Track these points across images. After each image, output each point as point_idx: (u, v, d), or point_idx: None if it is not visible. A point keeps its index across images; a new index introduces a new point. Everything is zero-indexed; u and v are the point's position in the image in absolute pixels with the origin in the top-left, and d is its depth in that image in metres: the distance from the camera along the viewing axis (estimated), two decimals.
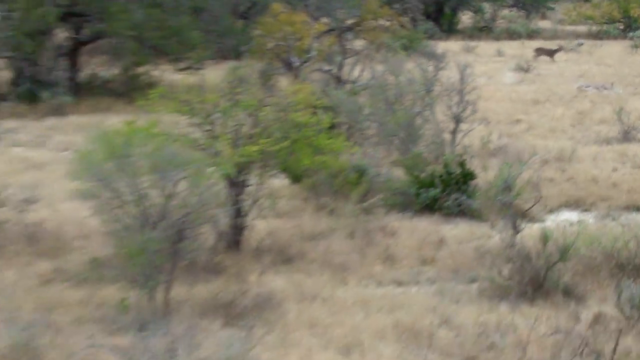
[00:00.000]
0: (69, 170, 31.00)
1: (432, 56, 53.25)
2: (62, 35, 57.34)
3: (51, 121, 47.04)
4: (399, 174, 36.68)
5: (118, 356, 23.36)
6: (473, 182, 35.55)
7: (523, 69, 72.22)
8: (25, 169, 37.55)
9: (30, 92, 51.54)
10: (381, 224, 32.57)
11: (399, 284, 28.76)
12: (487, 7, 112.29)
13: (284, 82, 48.61)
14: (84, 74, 56.24)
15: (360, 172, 34.89)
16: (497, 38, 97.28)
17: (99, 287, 26.87)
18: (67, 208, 32.38)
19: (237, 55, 58.04)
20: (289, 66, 52.65)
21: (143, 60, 55.78)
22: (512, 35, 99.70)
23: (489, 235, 31.37)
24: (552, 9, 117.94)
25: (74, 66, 55.42)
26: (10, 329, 23.81)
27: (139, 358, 22.47)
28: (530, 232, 30.16)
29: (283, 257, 29.76)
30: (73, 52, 55.85)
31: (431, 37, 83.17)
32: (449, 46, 75.17)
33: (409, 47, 63.70)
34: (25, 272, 28.41)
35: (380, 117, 40.09)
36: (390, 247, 31.00)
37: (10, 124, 42.80)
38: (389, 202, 34.43)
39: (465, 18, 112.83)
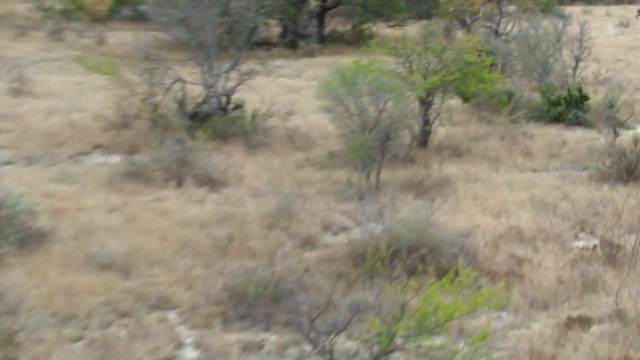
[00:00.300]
0: (315, 93, 31.24)
1: (561, 16, 52.11)
2: (313, 3, 57.20)
3: (305, 61, 47.18)
4: (536, 96, 36.10)
5: (344, 216, 23.41)
6: (587, 102, 34.87)
7: (624, 24, 70.36)
8: (287, 92, 37.73)
9: (292, 42, 51.60)
10: (523, 130, 32.14)
11: (534, 170, 28.46)
12: None
13: (459, 34, 48.06)
14: (327, 29, 56.09)
15: (509, 95, 34.39)
16: (607, 3, 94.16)
17: (333, 171, 27.00)
18: (314, 118, 32.43)
19: (428, 16, 57.41)
20: (463, 23, 51.94)
21: (366, 20, 55.55)
22: (617, 1, 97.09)
23: (597, 138, 30.89)
24: None
25: (320, 24, 55.31)
26: (276, 198, 24.03)
27: (358, 218, 22.50)
28: (625, 136, 29.72)
29: (455, 152, 29.59)
30: (320, 14, 55.70)
31: (561, 2, 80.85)
32: (573, 9, 73.27)
33: (545, 10, 62.27)
34: (286, 160, 28.58)
35: (524, 57, 39.55)
36: (528, 146, 30.64)
37: (279, 62, 42.92)
38: (528, 115, 33.91)
39: None
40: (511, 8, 55.24)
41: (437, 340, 14.79)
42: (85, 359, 17.39)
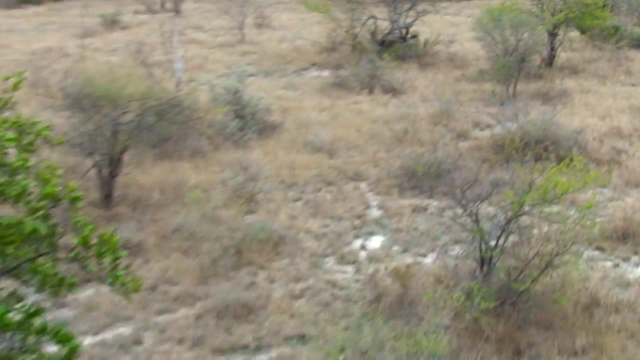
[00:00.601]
0: (471, 27, 30.42)
1: None
2: None
3: (463, 3, 45.71)
4: (637, 29, 34.25)
5: (489, 117, 22.96)
6: None
7: None
8: (450, 26, 36.87)
9: None
10: (625, 55, 30.53)
11: (633, 85, 27.05)
12: None
13: None
14: None
15: (616, 29, 32.68)
16: None
17: (482, 83, 26.29)
18: (469, 45, 31.54)
19: None
20: None
21: None
22: None
23: None
24: None
25: None
26: (439, 103, 23.65)
27: (499, 118, 22.01)
28: None
29: (573, 71, 28.39)
30: None
31: None
32: None
33: None
34: (447, 76, 28.00)
35: (629, 0, 37.54)
36: (629, 66, 29.19)
37: (444, 4, 41.79)
38: (630, 44, 32.18)
39: None
40: None
41: (555, 208, 14.53)
42: (302, 213, 17.70)
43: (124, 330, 13.69)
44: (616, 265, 15.60)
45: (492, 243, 13.93)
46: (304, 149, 20.96)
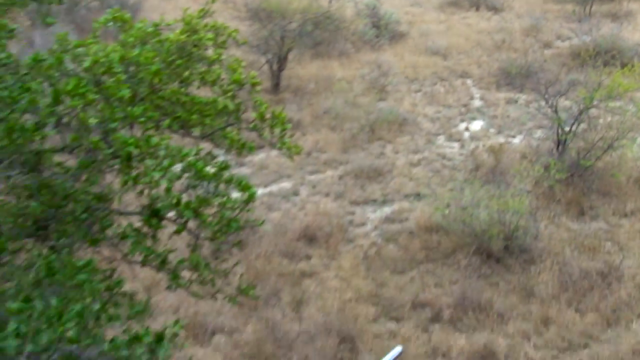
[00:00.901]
0: None
1: None
2: None
3: None
4: None
5: (569, 31, 21.32)
6: None
7: None
8: None
9: None
10: None
11: None
12: None
13: None
14: None
15: None
16: None
17: (565, 4, 24.01)
18: None
19: None
20: None
21: None
22: None
23: None
24: None
25: None
26: (530, 19, 22.08)
27: (577, 32, 20.45)
28: None
29: None
30: None
31: None
32: None
33: None
34: (540, 7, 26.07)
35: None
36: None
37: None
38: None
39: None
40: None
41: (617, 103, 13.82)
42: (421, 101, 17.14)
43: (286, 184, 13.85)
44: None
45: (567, 129, 13.38)
46: (424, 53, 20.13)
